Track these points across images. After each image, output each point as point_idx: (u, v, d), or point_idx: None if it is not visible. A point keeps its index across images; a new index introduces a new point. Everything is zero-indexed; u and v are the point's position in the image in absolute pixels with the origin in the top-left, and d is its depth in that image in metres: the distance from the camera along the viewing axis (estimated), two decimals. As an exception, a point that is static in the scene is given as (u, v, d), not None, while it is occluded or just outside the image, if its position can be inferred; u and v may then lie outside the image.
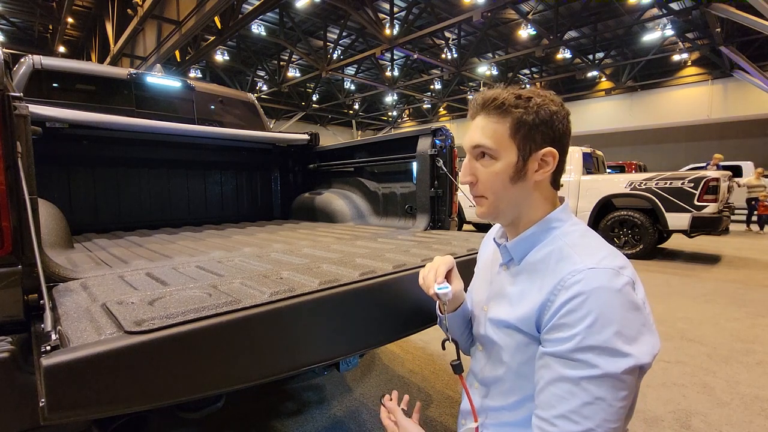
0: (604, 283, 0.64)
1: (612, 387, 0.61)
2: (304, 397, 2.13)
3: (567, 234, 0.76)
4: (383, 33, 11.12)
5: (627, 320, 0.63)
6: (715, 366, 2.47)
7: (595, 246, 0.73)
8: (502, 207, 0.80)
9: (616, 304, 0.63)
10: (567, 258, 0.71)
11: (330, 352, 0.96)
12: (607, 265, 0.67)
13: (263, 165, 3.30)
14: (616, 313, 0.62)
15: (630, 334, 0.63)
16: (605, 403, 0.61)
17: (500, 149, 0.76)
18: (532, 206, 0.79)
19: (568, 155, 0.81)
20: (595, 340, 0.61)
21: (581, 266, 0.67)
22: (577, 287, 0.65)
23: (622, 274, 0.66)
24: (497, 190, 0.78)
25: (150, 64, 9.77)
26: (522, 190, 0.78)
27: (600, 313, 0.62)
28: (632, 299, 0.65)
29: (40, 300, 0.92)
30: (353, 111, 24.13)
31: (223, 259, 1.35)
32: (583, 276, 0.65)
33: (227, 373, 0.77)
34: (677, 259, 5.90)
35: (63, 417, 0.60)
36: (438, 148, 2.10)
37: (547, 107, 0.75)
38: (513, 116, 0.75)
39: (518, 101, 0.75)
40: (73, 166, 2.41)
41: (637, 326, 0.64)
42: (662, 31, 12.47)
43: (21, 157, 0.95)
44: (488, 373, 0.83)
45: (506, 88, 0.79)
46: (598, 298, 0.63)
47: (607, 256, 0.69)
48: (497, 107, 0.76)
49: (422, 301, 1.17)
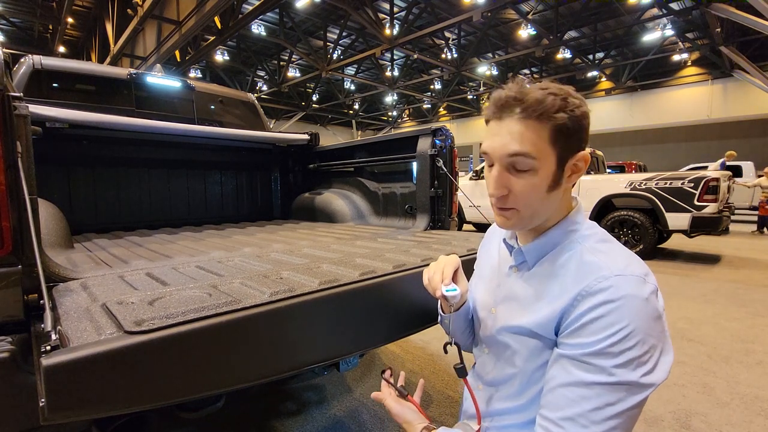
0: (632, 291, 0.62)
1: (625, 396, 0.60)
2: (304, 397, 2.13)
3: (586, 238, 0.74)
4: (383, 33, 11.12)
5: (652, 330, 0.62)
6: (715, 366, 2.47)
7: (617, 251, 0.70)
8: (535, 219, 0.75)
9: (642, 314, 0.61)
10: (590, 263, 0.68)
11: (330, 352, 0.96)
12: (634, 272, 0.65)
13: (263, 165, 3.30)
14: (643, 322, 0.61)
15: (652, 343, 0.62)
16: (615, 410, 0.60)
17: (541, 158, 0.69)
18: (554, 210, 0.76)
19: None
20: (619, 348, 0.60)
21: (607, 272, 0.64)
22: (604, 294, 0.63)
23: (648, 281, 0.65)
24: (533, 202, 0.72)
25: (150, 64, 9.77)
26: (555, 197, 0.73)
27: (628, 322, 0.60)
28: (657, 308, 0.63)
29: (40, 300, 0.91)
30: (353, 111, 24.13)
31: (223, 259, 1.35)
32: (610, 283, 0.63)
33: (227, 373, 0.77)
34: (677, 259, 5.90)
35: (63, 417, 0.60)
36: (438, 148, 2.10)
37: (582, 108, 0.69)
38: (554, 121, 0.67)
39: (559, 103, 0.67)
40: (73, 166, 2.41)
41: (659, 335, 0.63)
42: (662, 31, 12.47)
43: (21, 157, 0.95)
44: (496, 376, 0.82)
45: (521, 84, 0.70)
46: (627, 306, 0.61)
47: (632, 263, 0.67)
48: (538, 112, 0.67)
49: (422, 301, 1.17)
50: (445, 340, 0.88)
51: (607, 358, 0.60)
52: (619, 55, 15.96)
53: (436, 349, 2.71)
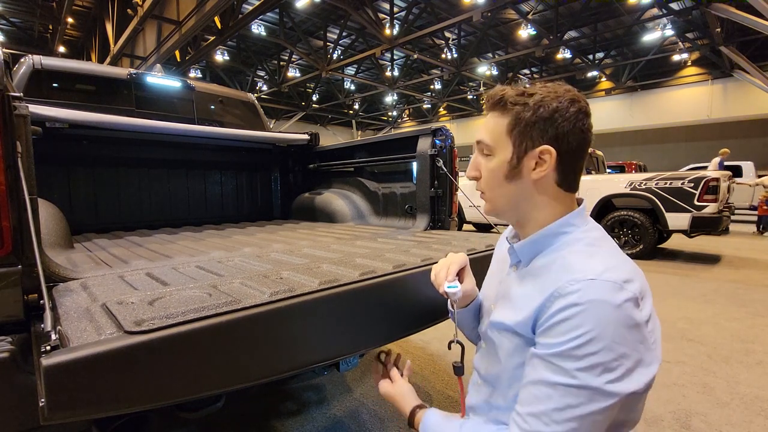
0: (601, 296, 0.62)
1: (587, 400, 0.60)
2: (304, 397, 2.13)
3: (576, 241, 0.74)
4: (383, 33, 11.12)
5: (622, 338, 0.61)
6: (715, 366, 2.47)
7: (602, 255, 0.69)
8: (500, 205, 0.81)
9: (610, 320, 0.60)
10: (569, 266, 0.69)
11: (330, 352, 0.96)
12: (610, 277, 0.63)
13: (263, 165, 3.30)
14: (609, 329, 0.60)
15: (622, 351, 0.60)
16: (576, 413, 0.60)
17: (496, 145, 0.77)
18: (538, 207, 0.77)
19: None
20: (581, 351, 0.60)
21: (580, 276, 0.65)
22: (572, 297, 0.63)
23: (626, 288, 0.63)
24: (493, 187, 0.79)
25: (150, 64, 9.77)
26: (519, 188, 0.77)
27: (592, 327, 0.60)
28: (631, 316, 0.61)
29: (40, 300, 0.91)
30: (353, 111, 24.13)
31: (223, 259, 1.35)
32: (580, 286, 0.63)
33: (227, 373, 0.77)
34: (677, 259, 5.90)
35: (63, 417, 0.60)
36: (438, 148, 2.10)
37: (549, 104, 0.72)
38: (512, 112, 0.74)
39: (519, 98, 0.74)
40: (73, 166, 2.41)
41: (632, 344, 0.61)
42: (662, 31, 12.47)
43: (21, 157, 0.95)
44: (488, 371, 0.84)
45: (515, 85, 0.77)
46: (593, 311, 0.61)
47: (613, 268, 0.65)
48: (498, 103, 0.76)
49: (422, 301, 1.17)
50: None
51: (570, 360, 0.61)
52: (619, 55, 15.97)
53: (436, 349, 2.71)
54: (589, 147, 0.76)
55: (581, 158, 0.76)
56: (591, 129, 0.75)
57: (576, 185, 0.78)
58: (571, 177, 0.77)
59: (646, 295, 0.66)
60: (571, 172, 0.76)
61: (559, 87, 0.75)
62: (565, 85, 0.76)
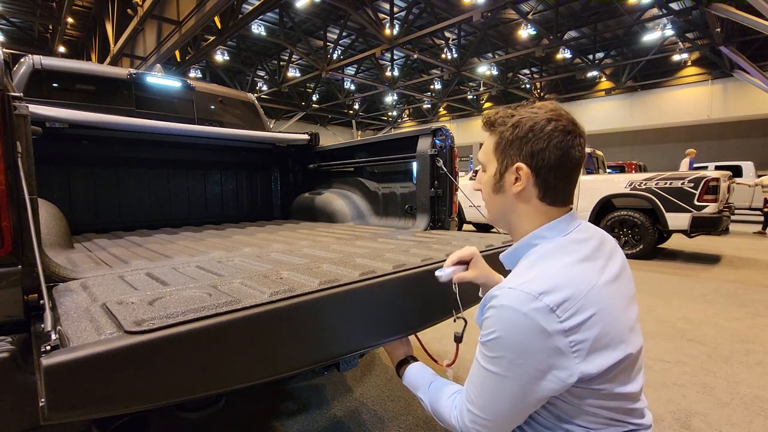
0: (510, 303, 0.70)
1: (494, 382, 0.73)
2: (304, 397, 2.13)
3: (535, 253, 0.80)
4: (383, 33, 11.12)
5: (519, 342, 0.69)
6: (715, 366, 2.47)
7: (539, 268, 0.75)
8: (492, 215, 0.91)
9: (516, 325, 0.69)
10: (511, 274, 0.80)
11: (330, 351, 0.96)
12: (527, 288, 0.70)
13: (263, 165, 3.30)
14: (511, 333, 0.70)
15: (519, 351, 0.69)
16: (488, 388, 0.75)
17: (486, 162, 0.88)
18: (520, 220, 0.85)
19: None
20: (492, 345, 0.73)
21: (505, 284, 0.74)
22: (493, 301, 0.74)
23: (540, 300, 0.68)
24: (486, 199, 0.90)
25: (150, 64, 9.77)
26: (504, 201, 0.85)
27: (499, 327, 0.71)
28: (538, 324, 0.67)
29: (40, 300, 0.91)
30: (353, 111, 24.13)
31: (223, 259, 1.35)
32: (499, 293, 0.73)
33: (227, 373, 0.77)
34: (677, 259, 5.90)
35: (63, 417, 0.60)
36: (438, 148, 2.10)
37: (525, 123, 0.79)
38: (497, 132, 0.84)
39: (503, 118, 0.83)
40: (73, 166, 2.41)
41: (536, 348, 0.68)
42: (662, 31, 12.48)
43: (21, 157, 0.95)
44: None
45: (518, 106, 0.83)
46: (501, 316, 0.71)
47: (536, 279, 0.71)
48: (488, 124, 0.87)
49: (422, 301, 1.17)
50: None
51: (485, 349, 0.74)
52: (619, 55, 15.97)
53: (436, 349, 2.71)
54: (575, 162, 0.79)
55: (564, 174, 0.79)
56: (574, 145, 0.78)
57: (562, 198, 0.82)
58: (553, 192, 0.81)
59: (583, 307, 0.69)
60: (551, 187, 0.80)
61: (543, 107, 0.80)
62: (553, 104, 0.82)
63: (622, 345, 0.73)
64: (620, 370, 0.73)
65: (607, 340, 0.70)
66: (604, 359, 0.70)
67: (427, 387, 0.96)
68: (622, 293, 0.79)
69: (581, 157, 0.80)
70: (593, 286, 0.72)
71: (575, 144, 0.78)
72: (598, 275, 0.75)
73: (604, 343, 0.70)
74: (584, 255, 0.77)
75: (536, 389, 0.71)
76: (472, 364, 0.80)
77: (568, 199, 0.83)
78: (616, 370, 0.72)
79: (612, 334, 0.71)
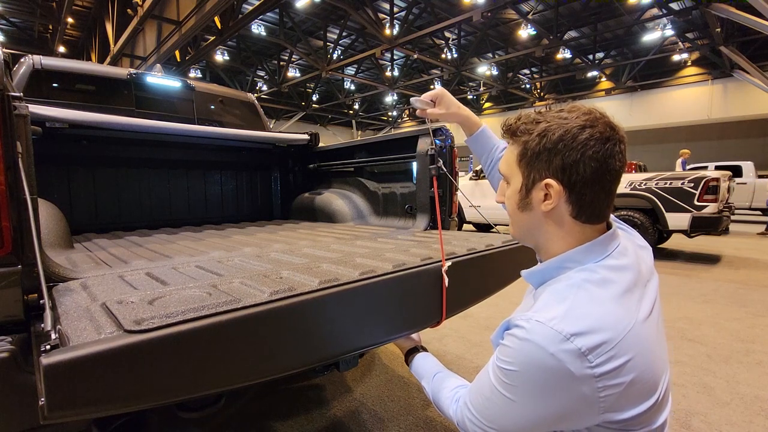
0: (537, 340, 0.62)
1: (503, 403, 0.68)
2: (304, 397, 2.13)
3: (567, 279, 0.70)
4: (383, 33, 11.12)
5: (541, 381, 0.62)
6: (715, 366, 2.47)
7: (572, 301, 0.65)
8: (517, 231, 0.82)
9: (539, 364, 0.62)
10: (541, 301, 0.70)
11: (330, 351, 0.96)
12: (558, 326, 0.61)
13: (263, 165, 3.30)
14: (533, 371, 0.63)
15: (538, 390, 0.63)
16: (496, 405, 0.69)
17: (510, 175, 0.77)
18: (549, 239, 0.75)
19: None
20: (504, 374, 0.67)
21: (534, 315, 0.65)
22: (517, 330, 0.66)
23: (571, 342, 0.60)
24: (510, 214, 0.81)
25: (150, 64, 9.77)
26: (531, 218, 0.76)
27: (518, 362, 0.64)
28: (564, 367, 0.60)
29: (40, 300, 0.91)
30: (353, 111, 24.13)
31: (223, 259, 1.35)
32: (527, 324, 0.64)
33: (227, 372, 0.77)
34: (677, 259, 5.90)
35: (63, 416, 0.60)
36: (438, 148, 2.10)
37: (554, 132, 0.67)
38: (520, 141, 0.73)
39: (527, 126, 0.72)
40: (73, 166, 2.41)
41: (558, 390, 0.62)
42: (662, 31, 12.47)
43: (21, 157, 0.95)
44: None
45: (534, 111, 0.74)
46: (524, 350, 0.63)
47: (568, 317, 0.62)
48: (509, 131, 0.76)
49: (422, 300, 1.17)
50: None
51: (500, 373, 0.68)
52: (619, 55, 15.97)
53: (436, 349, 2.71)
54: (615, 174, 0.68)
55: (601, 188, 0.68)
56: (613, 154, 0.67)
57: (600, 215, 0.72)
58: (589, 209, 0.70)
59: (619, 353, 0.61)
60: (587, 204, 0.69)
61: (574, 110, 0.70)
62: (585, 107, 0.71)
63: (656, 392, 0.65)
64: (649, 414, 0.65)
65: (639, 387, 0.63)
66: (633, 409, 0.63)
67: (432, 377, 0.97)
68: (657, 326, 0.71)
69: (622, 166, 0.68)
70: (631, 327, 0.63)
71: (614, 152, 0.67)
72: (636, 312, 0.66)
73: (636, 390, 0.62)
74: (622, 288, 0.67)
75: (548, 424, 0.65)
76: (482, 370, 0.75)
77: (606, 215, 0.73)
78: (645, 416, 0.65)
79: (645, 381, 0.63)
